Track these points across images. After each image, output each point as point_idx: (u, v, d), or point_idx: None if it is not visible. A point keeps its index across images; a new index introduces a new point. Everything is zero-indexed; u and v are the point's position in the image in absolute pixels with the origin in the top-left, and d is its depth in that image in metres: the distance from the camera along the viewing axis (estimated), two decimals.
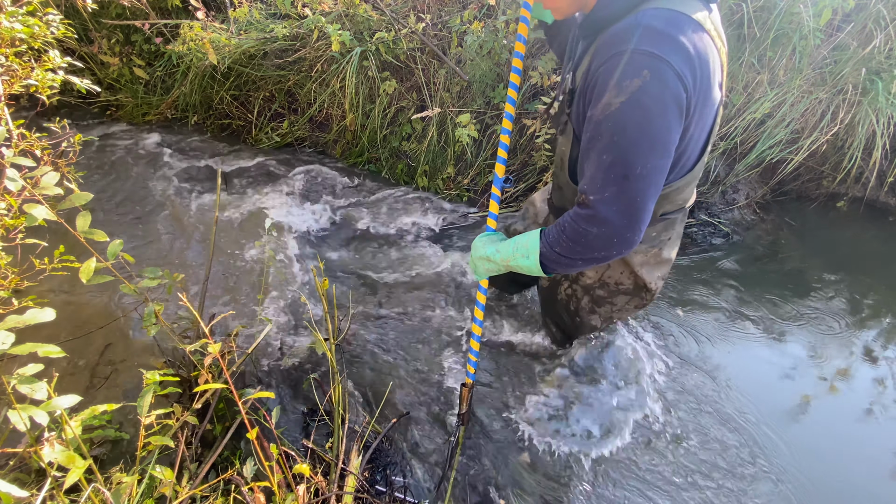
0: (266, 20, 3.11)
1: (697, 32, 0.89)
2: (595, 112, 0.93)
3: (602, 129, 0.92)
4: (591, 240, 0.98)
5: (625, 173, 0.91)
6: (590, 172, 0.96)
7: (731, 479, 1.67)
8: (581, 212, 0.98)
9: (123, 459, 1.54)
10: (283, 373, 1.89)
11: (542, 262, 1.10)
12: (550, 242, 1.07)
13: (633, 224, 0.96)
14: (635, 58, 0.86)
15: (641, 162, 0.90)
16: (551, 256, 1.07)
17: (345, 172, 3.04)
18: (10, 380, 0.94)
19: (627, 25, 0.89)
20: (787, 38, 2.64)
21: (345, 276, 2.35)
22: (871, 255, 2.74)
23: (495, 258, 1.23)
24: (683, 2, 0.90)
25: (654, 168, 0.92)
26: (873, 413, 1.92)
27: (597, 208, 0.95)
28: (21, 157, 1.29)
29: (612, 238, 0.97)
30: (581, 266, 1.08)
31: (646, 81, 0.85)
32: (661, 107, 0.88)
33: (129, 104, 3.39)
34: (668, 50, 0.85)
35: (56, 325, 1.95)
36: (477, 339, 1.52)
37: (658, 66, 0.85)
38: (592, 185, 0.95)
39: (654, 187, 0.94)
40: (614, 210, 0.94)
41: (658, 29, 0.86)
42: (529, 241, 1.12)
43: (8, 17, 1.71)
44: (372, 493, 1.48)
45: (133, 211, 2.66)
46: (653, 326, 2.17)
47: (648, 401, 1.87)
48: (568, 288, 1.58)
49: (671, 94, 0.87)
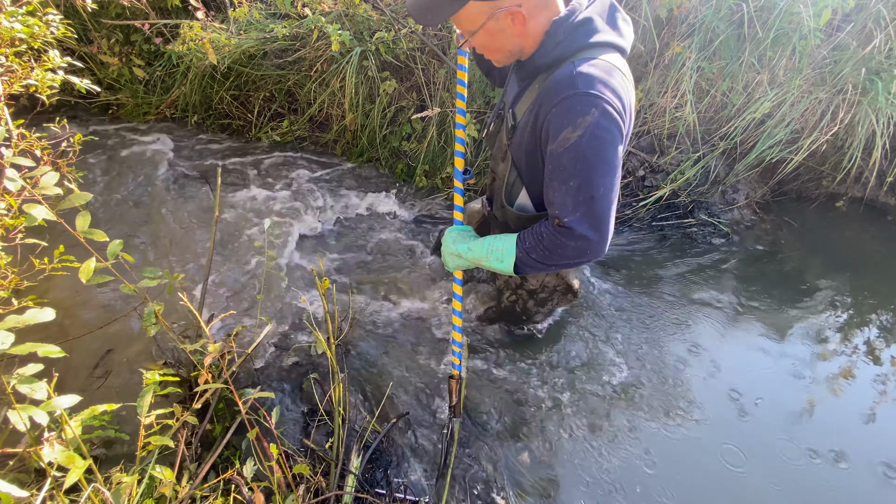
0: (266, 20, 3.11)
1: (620, 75, 1.08)
2: (554, 147, 1.08)
3: (564, 160, 1.07)
4: (568, 251, 1.14)
5: (591, 195, 1.07)
6: (559, 199, 1.10)
7: (731, 480, 1.67)
8: (560, 229, 1.12)
9: (123, 459, 1.54)
10: (283, 373, 1.89)
11: (518, 265, 1.22)
12: (527, 249, 1.19)
13: (604, 236, 1.12)
14: (582, 99, 1.03)
15: (602, 183, 1.07)
16: (527, 262, 1.21)
17: (346, 172, 3.04)
18: (10, 380, 0.94)
19: (568, 74, 1.05)
20: (787, 37, 2.64)
21: (345, 276, 2.35)
22: (871, 255, 2.74)
23: (467, 256, 1.33)
24: (605, 52, 1.09)
25: (612, 186, 1.09)
26: (874, 413, 1.92)
27: (572, 227, 1.10)
28: (21, 157, 1.29)
29: (586, 249, 1.12)
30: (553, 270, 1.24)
31: (595, 117, 1.02)
32: (611, 136, 1.05)
33: (129, 104, 3.39)
34: (606, 90, 1.03)
35: (57, 325, 1.95)
36: (458, 329, 1.55)
37: (601, 104, 1.02)
38: (564, 210, 1.10)
39: (614, 203, 1.11)
40: (587, 227, 1.09)
41: (595, 75, 1.03)
42: (505, 247, 1.23)
43: (8, 16, 1.71)
44: (372, 493, 1.48)
45: (133, 211, 2.66)
46: (653, 325, 2.18)
47: (648, 403, 1.88)
48: (511, 295, 1.84)
49: (615, 125, 1.05)
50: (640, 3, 2.65)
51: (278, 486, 1.16)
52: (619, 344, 2.08)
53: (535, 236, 1.18)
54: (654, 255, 2.61)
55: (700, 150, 2.87)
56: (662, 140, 2.91)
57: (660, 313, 2.25)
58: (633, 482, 1.65)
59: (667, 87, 2.79)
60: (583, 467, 1.68)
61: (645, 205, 2.81)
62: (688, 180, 2.85)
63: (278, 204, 2.74)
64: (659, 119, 2.85)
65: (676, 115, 2.81)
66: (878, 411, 1.92)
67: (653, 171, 2.91)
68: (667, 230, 2.78)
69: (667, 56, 2.75)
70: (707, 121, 2.92)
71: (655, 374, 1.98)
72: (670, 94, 2.80)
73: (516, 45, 1.14)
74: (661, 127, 2.85)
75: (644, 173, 2.91)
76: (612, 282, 2.40)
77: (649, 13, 2.64)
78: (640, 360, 2.03)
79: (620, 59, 1.12)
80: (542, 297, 1.82)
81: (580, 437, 1.75)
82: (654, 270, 2.49)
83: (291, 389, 1.84)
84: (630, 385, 1.93)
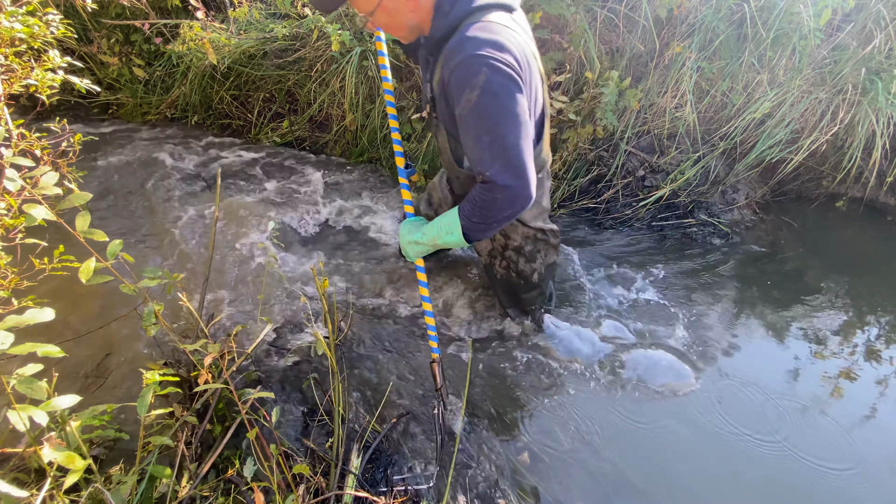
0: (266, 20, 3.11)
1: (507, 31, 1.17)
2: (460, 110, 1.18)
3: (470, 120, 1.17)
4: (498, 203, 1.23)
5: (503, 145, 1.17)
6: (477, 156, 1.20)
7: (731, 481, 1.67)
8: (485, 185, 1.22)
9: (123, 459, 1.54)
10: (283, 373, 1.89)
11: (465, 233, 1.33)
12: (467, 215, 1.30)
13: (525, 182, 1.20)
14: (472, 61, 1.12)
15: (511, 132, 1.16)
16: (471, 227, 1.31)
17: (346, 172, 3.04)
18: (10, 380, 0.94)
19: (458, 40, 1.16)
20: (787, 37, 2.64)
21: (345, 276, 2.35)
22: (871, 255, 2.74)
23: (423, 240, 1.45)
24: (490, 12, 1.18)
25: (521, 134, 1.18)
26: (875, 413, 1.92)
27: (495, 179, 1.19)
28: (20, 157, 1.29)
29: (514, 198, 1.22)
30: (496, 227, 1.31)
31: (487, 75, 1.12)
32: (507, 89, 1.14)
33: (129, 104, 3.39)
34: (492, 49, 1.12)
35: (56, 325, 1.95)
36: (430, 314, 1.63)
37: (490, 62, 1.12)
38: (483, 164, 1.19)
39: (528, 149, 1.20)
40: (507, 176, 1.18)
41: (480, 37, 1.13)
42: (450, 220, 1.34)
43: (8, 16, 1.71)
44: (372, 493, 1.48)
45: (133, 211, 2.66)
46: (652, 326, 2.18)
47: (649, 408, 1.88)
48: (501, 261, 1.88)
49: (509, 78, 1.14)
50: (640, 3, 2.65)
51: (278, 486, 1.16)
52: (618, 344, 2.08)
53: (469, 201, 1.29)
54: (653, 255, 2.61)
55: (700, 150, 2.87)
56: (662, 140, 2.91)
57: (659, 313, 2.25)
58: (631, 484, 1.65)
59: (667, 87, 2.79)
60: (583, 466, 1.68)
61: (645, 205, 2.81)
62: (688, 180, 2.85)
63: (278, 204, 2.74)
64: (659, 119, 2.85)
65: (676, 115, 2.81)
66: (879, 411, 1.92)
67: (653, 171, 2.91)
68: (667, 230, 2.78)
69: (667, 56, 2.75)
70: (707, 121, 2.92)
71: (654, 374, 1.98)
72: (670, 94, 2.80)
73: (414, 20, 1.24)
74: (661, 127, 2.85)
75: (644, 173, 2.91)
76: (612, 282, 2.40)
77: (649, 13, 2.64)
78: (639, 360, 2.03)
79: (507, 16, 1.22)
80: (528, 250, 1.83)
81: (580, 437, 1.75)
82: (653, 270, 2.49)
83: (291, 389, 1.84)
84: (630, 385, 1.93)
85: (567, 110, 2.58)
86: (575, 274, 2.41)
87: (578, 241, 2.66)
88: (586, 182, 2.92)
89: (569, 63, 2.64)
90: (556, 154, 2.78)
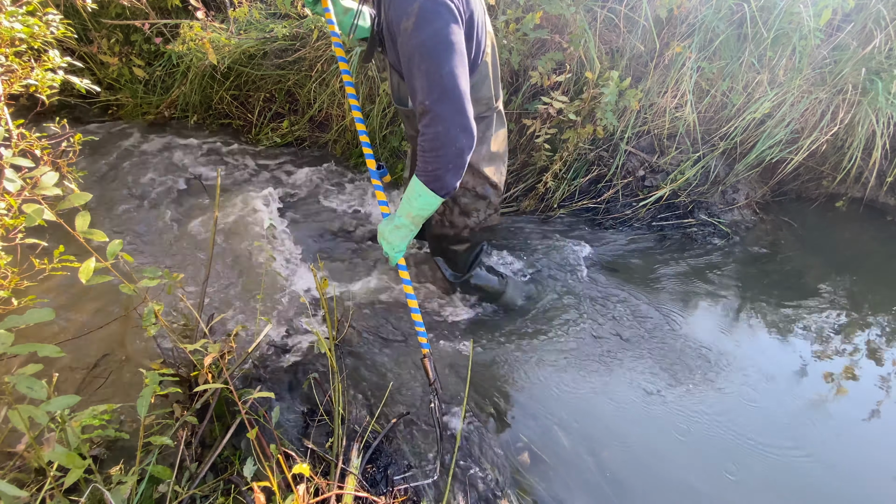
0: (266, 20, 3.11)
1: None
2: (401, 41, 1.22)
3: (410, 49, 1.20)
4: (441, 138, 1.23)
5: (440, 73, 1.19)
6: (418, 85, 1.22)
7: (731, 482, 1.67)
8: (424, 121, 1.23)
9: (123, 459, 1.54)
10: (283, 373, 1.88)
11: (431, 188, 1.31)
12: (423, 169, 1.29)
13: (462, 110, 1.22)
14: None
15: (447, 59, 1.19)
16: (430, 178, 1.29)
17: (346, 172, 3.04)
18: (10, 380, 0.94)
19: None
20: (787, 37, 2.64)
21: (345, 276, 2.35)
22: (871, 255, 2.74)
23: (402, 222, 1.45)
24: None
25: (458, 63, 1.21)
26: (875, 414, 1.92)
27: (433, 109, 1.21)
28: (21, 157, 1.29)
29: (454, 129, 1.22)
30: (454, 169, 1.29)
31: (420, 3, 1.16)
32: (441, 17, 1.17)
33: (129, 104, 3.39)
34: None
35: (57, 325, 1.95)
36: (416, 311, 1.64)
37: None
38: (423, 93, 1.21)
39: (464, 77, 1.23)
40: (445, 106, 1.20)
41: None
42: (413, 185, 1.34)
43: (8, 16, 1.71)
44: (372, 493, 1.48)
45: (132, 211, 2.66)
46: (650, 326, 2.18)
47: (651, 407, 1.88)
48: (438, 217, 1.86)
49: (442, 6, 1.18)
50: (640, 3, 2.65)
51: (278, 486, 1.16)
52: (618, 344, 2.08)
53: (419, 155, 1.29)
54: (653, 255, 2.61)
55: (700, 150, 2.87)
56: (662, 140, 2.91)
57: (659, 313, 2.25)
58: (631, 484, 1.65)
59: (667, 87, 2.79)
60: (583, 466, 1.68)
61: (645, 205, 2.81)
62: (688, 180, 2.85)
63: (278, 204, 2.74)
64: (659, 119, 2.85)
65: (676, 115, 2.80)
66: (880, 412, 1.92)
67: (653, 171, 2.91)
68: (667, 230, 2.78)
69: (667, 56, 2.75)
70: (707, 121, 2.92)
71: (653, 375, 1.98)
72: (670, 94, 2.79)
73: None
74: (661, 127, 2.85)
75: (644, 173, 2.91)
76: (612, 281, 2.40)
77: (649, 13, 2.64)
78: (638, 360, 2.03)
79: None
80: (464, 202, 1.79)
81: (581, 437, 1.75)
82: (653, 270, 2.49)
83: (291, 389, 1.84)
84: (629, 385, 1.93)
85: (567, 110, 2.58)
86: (575, 273, 2.41)
87: (578, 241, 2.67)
88: (586, 182, 2.92)
89: (569, 63, 2.64)
90: (557, 154, 2.78)
